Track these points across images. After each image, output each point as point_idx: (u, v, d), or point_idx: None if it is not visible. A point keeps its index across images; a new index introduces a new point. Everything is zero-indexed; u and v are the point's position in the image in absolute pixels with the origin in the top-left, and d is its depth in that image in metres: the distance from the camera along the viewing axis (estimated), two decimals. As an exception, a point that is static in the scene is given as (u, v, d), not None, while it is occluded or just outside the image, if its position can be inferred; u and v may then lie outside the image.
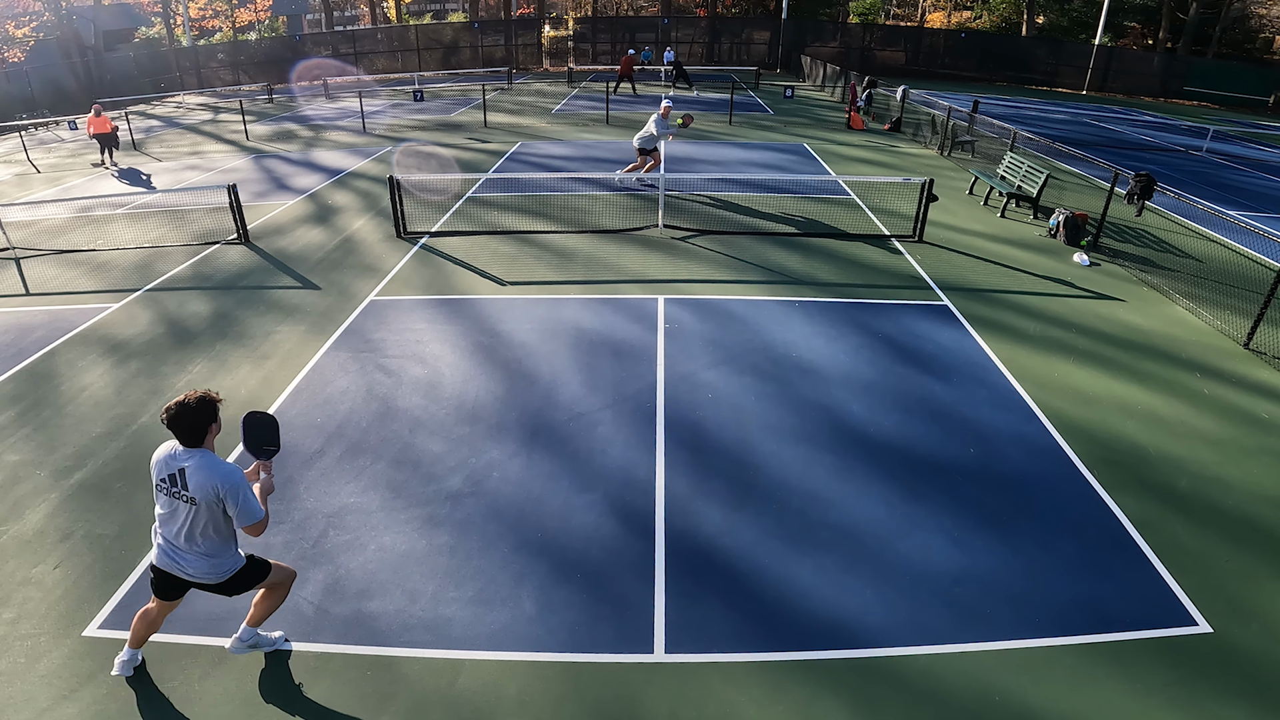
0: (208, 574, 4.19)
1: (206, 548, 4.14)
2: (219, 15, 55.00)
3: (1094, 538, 5.77)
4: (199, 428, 4.02)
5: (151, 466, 4.14)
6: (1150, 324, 9.52)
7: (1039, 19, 49.42)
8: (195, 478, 3.98)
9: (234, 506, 4.01)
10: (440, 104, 30.63)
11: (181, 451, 4.05)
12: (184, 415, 3.98)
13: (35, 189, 17.77)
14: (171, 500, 4.07)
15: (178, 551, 4.15)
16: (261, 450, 4.36)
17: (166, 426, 3.99)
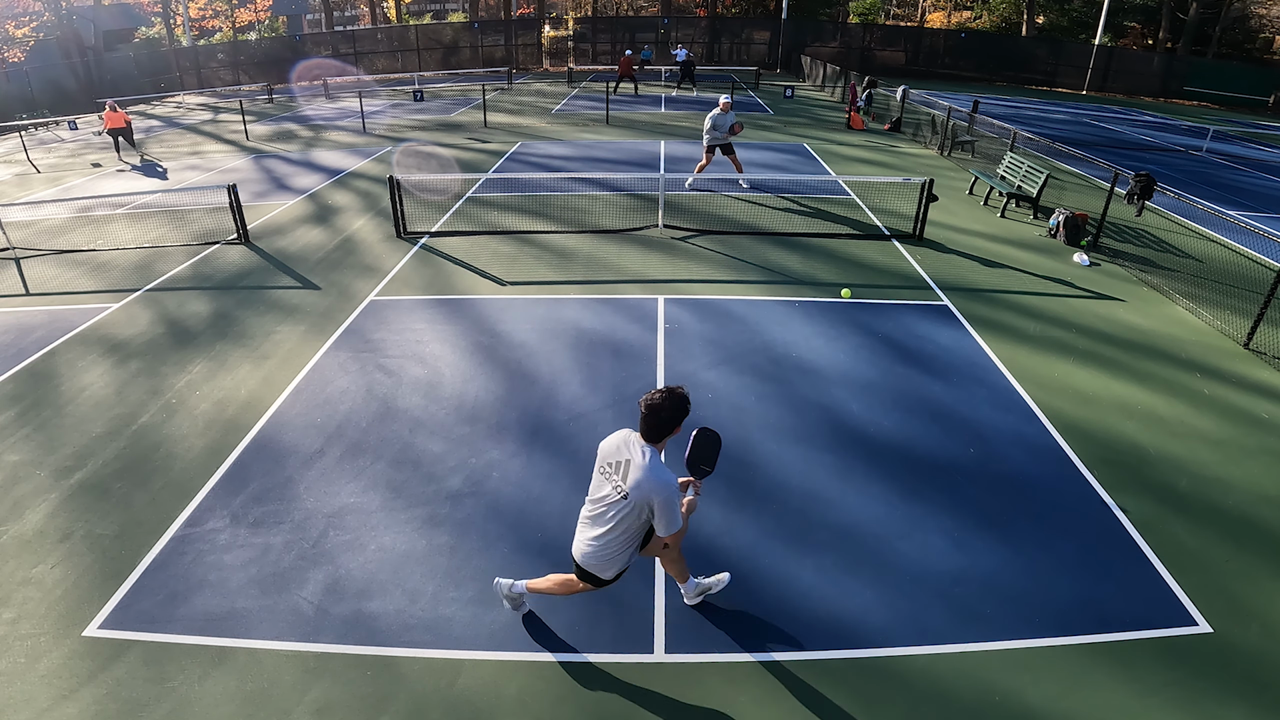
0: (590, 562, 4.30)
1: (607, 540, 4.21)
2: (219, 15, 55.01)
3: (1094, 538, 5.77)
4: (667, 425, 4.04)
5: (603, 446, 4.25)
6: (1150, 324, 9.52)
7: (1039, 19, 49.44)
8: (636, 475, 4.03)
9: (660, 514, 4.04)
10: (440, 104, 30.64)
11: (636, 442, 4.10)
12: (664, 409, 4.01)
13: (35, 189, 17.76)
14: (604, 482, 4.19)
15: (581, 528, 4.33)
16: (699, 469, 4.35)
17: (643, 411, 4.02)
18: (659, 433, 4.05)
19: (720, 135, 14.79)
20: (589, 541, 4.28)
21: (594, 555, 4.27)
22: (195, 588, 5.28)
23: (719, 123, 14.70)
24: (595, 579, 4.38)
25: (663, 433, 4.05)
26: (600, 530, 4.22)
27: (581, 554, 4.33)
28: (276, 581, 5.33)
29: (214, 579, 5.36)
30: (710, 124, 14.77)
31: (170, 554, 5.60)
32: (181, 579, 5.36)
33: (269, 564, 5.49)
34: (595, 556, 4.27)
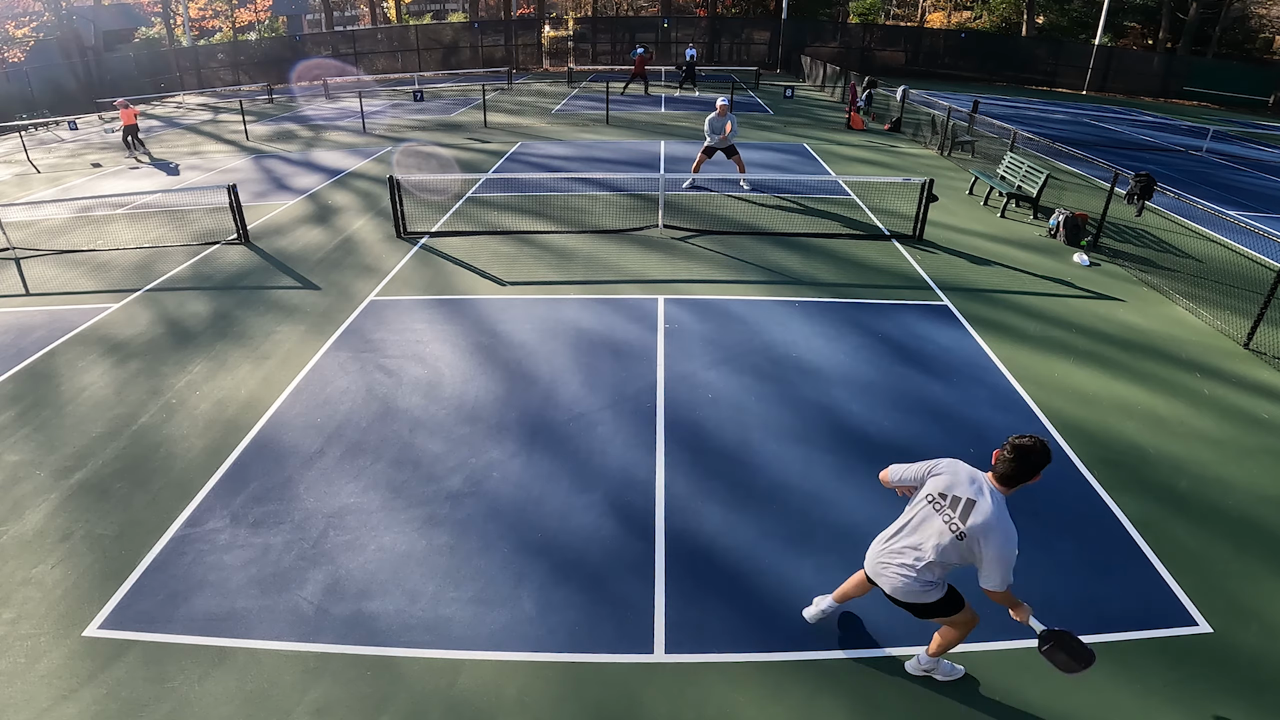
0: (903, 593, 4.06)
1: (923, 574, 3.97)
2: (219, 15, 55.06)
3: (1093, 538, 5.78)
4: (1031, 472, 3.73)
5: (931, 473, 3.99)
6: (1150, 324, 9.52)
7: (1039, 19, 49.43)
8: (980, 519, 3.72)
9: (995, 567, 3.71)
10: (440, 104, 30.63)
11: (987, 484, 3.81)
12: (1035, 452, 3.70)
13: (35, 189, 17.77)
14: (933, 514, 3.90)
15: (886, 559, 4.08)
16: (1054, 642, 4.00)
17: (1008, 454, 3.72)
18: (1018, 479, 3.75)
19: (715, 139, 14.90)
20: (903, 574, 4.02)
21: (911, 587, 4.02)
22: (195, 588, 5.28)
23: (714, 126, 14.80)
24: (916, 608, 4.13)
25: (1021, 480, 3.75)
26: (915, 562, 3.97)
27: (894, 586, 4.07)
28: (276, 581, 5.33)
29: (214, 579, 5.36)
30: (706, 127, 14.90)
31: (170, 554, 5.60)
32: (181, 579, 5.36)
33: (269, 564, 5.49)
34: (912, 590, 4.03)
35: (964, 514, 3.77)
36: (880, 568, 4.14)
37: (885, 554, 4.12)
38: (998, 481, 3.80)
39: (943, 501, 3.87)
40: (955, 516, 3.79)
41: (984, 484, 3.82)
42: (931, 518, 3.90)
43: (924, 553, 3.92)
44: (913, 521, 4.02)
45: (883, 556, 4.13)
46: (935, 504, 3.90)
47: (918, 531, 3.97)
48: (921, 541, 3.94)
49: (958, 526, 3.77)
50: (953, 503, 3.83)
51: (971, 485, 3.83)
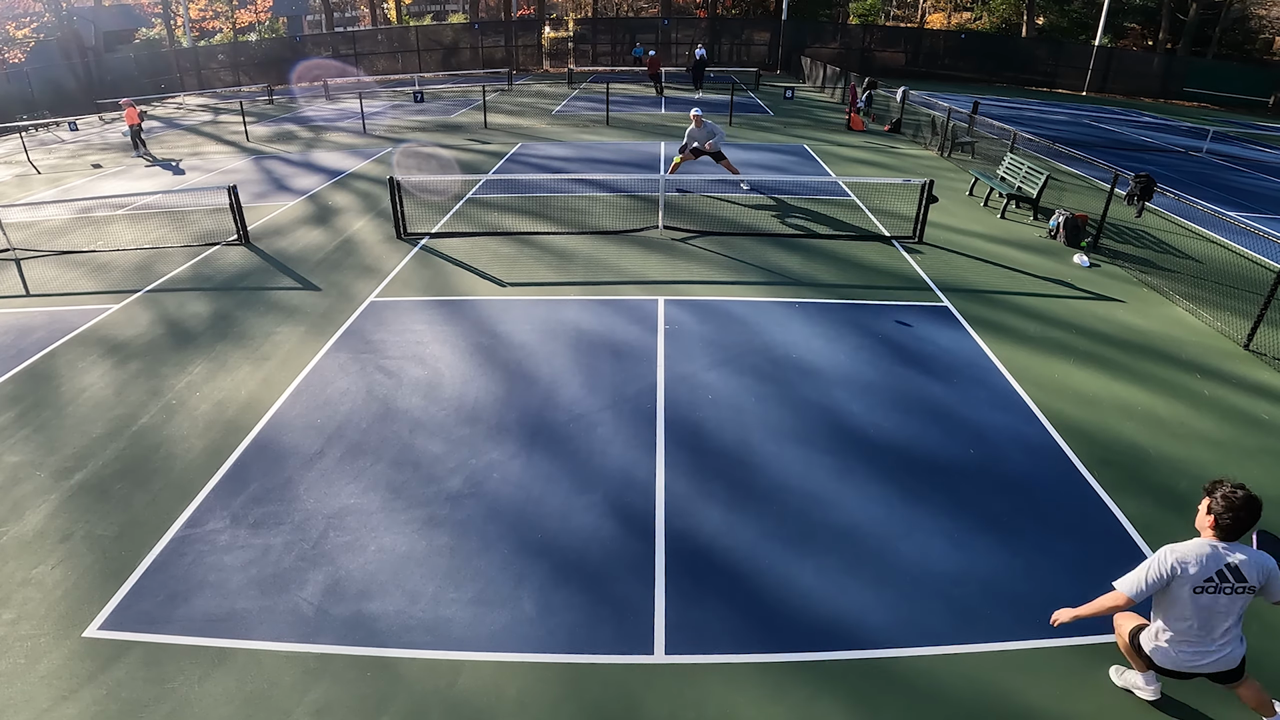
0: (1231, 662, 3.97)
1: (1236, 634, 3.96)
2: (219, 16, 55.09)
3: (1094, 538, 5.78)
4: (1250, 524, 3.76)
5: (1171, 566, 3.83)
6: (1150, 325, 9.52)
7: (1039, 20, 49.45)
8: (1251, 568, 3.77)
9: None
10: (440, 105, 30.64)
11: (1224, 547, 3.80)
12: (1252, 509, 3.71)
13: (35, 190, 17.77)
14: (1215, 599, 3.82)
15: (1208, 649, 3.94)
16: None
17: (1225, 509, 3.73)
18: (1243, 530, 3.78)
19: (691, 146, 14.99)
20: (1234, 650, 3.97)
21: (1232, 657, 3.97)
22: (195, 589, 5.28)
23: (695, 137, 14.86)
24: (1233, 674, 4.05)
25: (1244, 531, 3.79)
26: (1235, 635, 3.96)
27: (1228, 663, 3.98)
28: (276, 582, 5.33)
29: (214, 580, 5.36)
30: (686, 139, 15.03)
31: (170, 555, 5.60)
32: (181, 580, 5.36)
33: (269, 565, 5.49)
34: (1233, 658, 3.98)
35: (1241, 577, 3.77)
36: (1201, 662, 3.99)
37: (1198, 651, 3.97)
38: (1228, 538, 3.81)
39: (1216, 581, 3.80)
40: (1237, 584, 3.78)
41: (1221, 547, 3.81)
42: (1215, 601, 3.84)
43: (1236, 624, 3.92)
44: (1195, 615, 3.90)
45: (1198, 652, 3.97)
46: (1209, 589, 3.82)
47: (1214, 616, 3.89)
48: (1228, 623, 3.90)
49: (1246, 586, 3.78)
50: (1221, 576, 3.79)
51: (1217, 557, 3.79)
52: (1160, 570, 3.83)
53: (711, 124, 14.89)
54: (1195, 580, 3.78)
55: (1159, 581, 3.85)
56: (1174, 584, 3.83)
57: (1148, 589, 3.88)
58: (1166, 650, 4.01)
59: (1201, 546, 3.82)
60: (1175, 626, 3.95)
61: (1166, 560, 3.83)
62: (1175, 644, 3.97)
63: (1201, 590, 3.79)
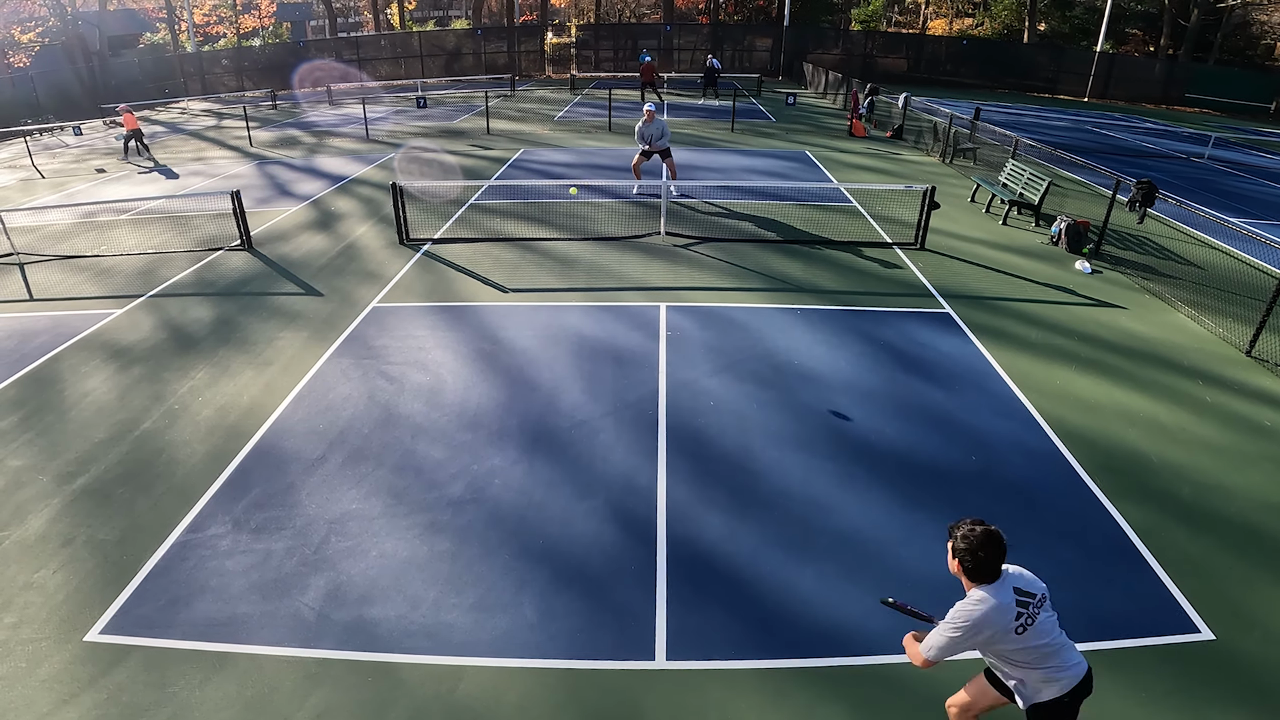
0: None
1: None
2: (223, 21, 55.26)
3: (1095, 545, 5.77)
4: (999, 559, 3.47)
5: (989, 635, 3.47)
6: (1152, 331, 9.52)
7: (1040, 26, 49.50)
8: (1027, 584, 3.56)
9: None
10: (443, 110, 30.70)
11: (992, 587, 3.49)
12: (993, 543, 3.43)
13: (39, 194, 17.82)
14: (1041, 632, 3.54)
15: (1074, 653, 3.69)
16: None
17: (966, 550, 3.47)
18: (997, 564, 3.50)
19: (645, 145, 15.08)
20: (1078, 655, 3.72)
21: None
22: (196, 593, 5.28)
23: (644, 134, 14.92)
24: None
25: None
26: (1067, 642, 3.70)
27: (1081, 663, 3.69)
28: (278, 587, 5.33)
29: (215, 584, 5.36)
30: (636, 135, 15.12)
31: (172, 559, 5.61)
32: (183, 584, 5.37)
33: (270, 570, 5.50)
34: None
35: (1030, 592, 3.57)
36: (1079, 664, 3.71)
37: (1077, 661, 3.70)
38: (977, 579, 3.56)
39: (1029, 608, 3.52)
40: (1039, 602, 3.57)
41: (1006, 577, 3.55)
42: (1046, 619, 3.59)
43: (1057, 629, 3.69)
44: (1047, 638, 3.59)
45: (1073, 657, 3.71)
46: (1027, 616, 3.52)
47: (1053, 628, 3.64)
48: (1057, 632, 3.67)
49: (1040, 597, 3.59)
50: (1024, 604, 3.52)
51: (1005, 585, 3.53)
52: (967, 640, 3.51)
53: (662, 122, 15.03)
54: (1009, 628, 3.47)
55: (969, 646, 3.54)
56: (993, 643, 3.52)
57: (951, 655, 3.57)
58: (1060, 681, 3.62)
59: (982, 600, 3.49)
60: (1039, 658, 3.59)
61: (965, 633, 3.48)
62: (1058, 671, 3.62)
63: (1022, 628, 3.50)
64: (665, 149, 15.13)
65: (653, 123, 14.85)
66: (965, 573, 3.54)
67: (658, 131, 14.91)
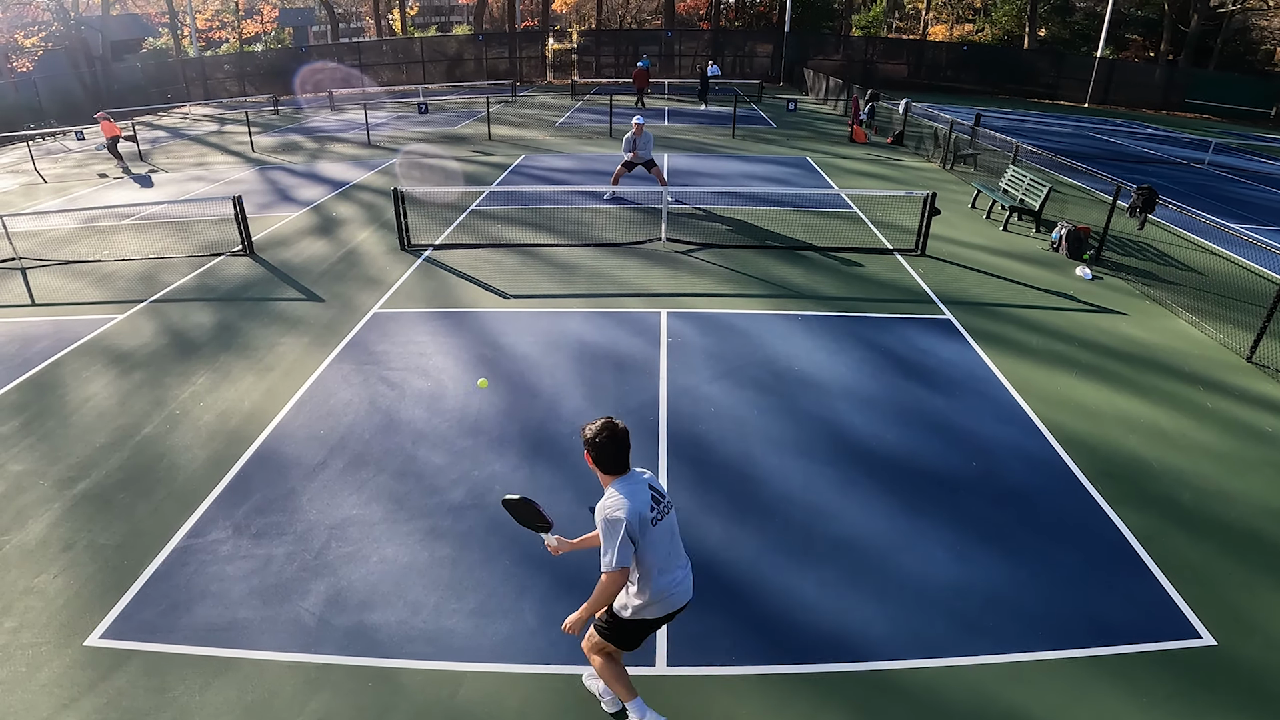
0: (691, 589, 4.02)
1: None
2: (225, 26, 55.42)
3: (1096, 551, 5.77)
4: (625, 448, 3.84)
5: (634, 525, 3.66)
6: (1153, 337, 9.52)
7: (1041, 32, 49.60)
8: (656, 484, 3.90)
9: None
10: (445, 116, 30.76)
11: (628, 478, 3.82)
12: (615, 434, 3.79)
13: (42, 199, 17.86)
14: (667, 519, 3.86)
15: (682, 569, 3.96)
16: (538, 529, 4.19)
17: (618, 452, 3.79)
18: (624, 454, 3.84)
19: (630, 155, 15.48)
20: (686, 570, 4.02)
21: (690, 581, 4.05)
22: (197, 598, 5.29)
23: (630, 145, 15.38)
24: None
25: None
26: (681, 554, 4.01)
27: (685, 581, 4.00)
28: (278, 592, 5.33)
29: (216, 590, 5.37)
30: (623, 146, 15.58)
31: (172, 564, 5.61)
32: (183, 589, 5.37)
33: (271, 575, 5.50)
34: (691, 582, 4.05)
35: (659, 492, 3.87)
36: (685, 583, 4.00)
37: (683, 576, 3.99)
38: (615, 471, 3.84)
39: (657, 506, 3.81)
40: (665, 503, 3.88)
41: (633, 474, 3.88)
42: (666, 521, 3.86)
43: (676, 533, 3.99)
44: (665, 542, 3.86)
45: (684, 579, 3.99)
46: (657, 514, 3.80)
47: (673, 536, 3.94)
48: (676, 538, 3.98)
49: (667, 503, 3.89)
50: (655, 500, 3.81)
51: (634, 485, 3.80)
52: (627, 532, 3.63)
53: (648, 134, 15.53)
54: (646, 516, 3.70)
55: (631, 541, 3.67)
56: (637, 538, 3.69)
57: (628, 554, 3.68)
58: (660, 592, 3.85)
59: (620, 489, 3.74)
60: (653, 563, 3.79)
61: (621, 521, 3.62)
62: (659, 579, 3.83)
63: (657, 519, 3.76)
64: (649, 159, 15.53)
65: (641, 135, 15.33)
66: (596, 464, 3.82)
67: (644, 143, 15.40)
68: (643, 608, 3.87)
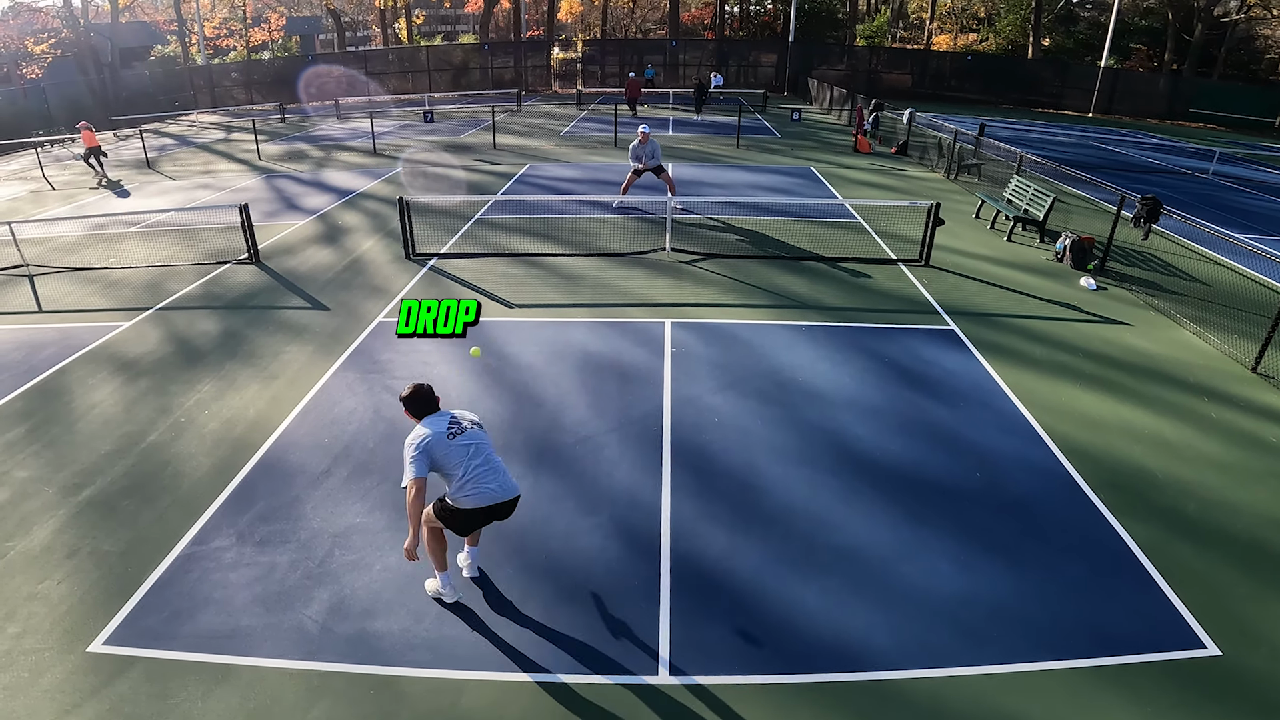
0: (514, 490, 5.14)
1: (502, 467, 5.16)
2: (233, 34, 55.75)
3: (1100, 561, 5.75)
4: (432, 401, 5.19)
5: (432, 442, 4.93)
6: (1157, 348, 9.51)
7: (1045, 41, 49.69)
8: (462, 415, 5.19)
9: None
10: (450, 125, 30.90)
11: (435, 418, 5.11)
12: (422, 393, 5.19)
13: (50, 205, 17.97)
14: (468, 438, 5.04)
15: (498, 477, 5.04)
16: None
17: (424, 401, 5.18)
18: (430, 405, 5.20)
19: (639, 164, 15.45)
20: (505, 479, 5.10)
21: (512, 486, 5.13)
22: (200, 605, 5.30)
23: (637, 154, 15.39)
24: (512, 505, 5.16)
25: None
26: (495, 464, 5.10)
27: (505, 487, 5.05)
28: (281, 600, 5.34)
29: (219, 597, 5.38)
30: (630, 155, 15.56)
31: (176, 571, 5.63)
32: (186, 596, 5.38)
33: (274, 582, 5.51)
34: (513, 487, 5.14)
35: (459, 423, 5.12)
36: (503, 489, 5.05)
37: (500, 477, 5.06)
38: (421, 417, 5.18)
39: (457, 430, 5.06)
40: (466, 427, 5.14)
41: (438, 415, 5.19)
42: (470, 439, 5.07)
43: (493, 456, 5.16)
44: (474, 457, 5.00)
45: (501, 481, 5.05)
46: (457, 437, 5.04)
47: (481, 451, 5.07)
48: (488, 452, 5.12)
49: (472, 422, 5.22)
50: (452, 425, 5.08)
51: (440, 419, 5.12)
52: (424, 450, 4.91)
53: (655, 142, 15.49)
54: (442, 434, 4.97)
55: (428, 459, 4.91)
56: (438, 453, 4.92)
57: (424, 467, 4.90)
58: (474, 494, 4.94)
59: (424, 424, 5.09)
60: (465, 473, 4.94)
61: (415, 442, 4.95)
62: (468, 483, 4.93)
63: (453, 435, 5.00)
64: (658, 165, 15.49)
65: (647, 143, 15.29)
66: (409, 413, 5.21)
67: (649, 151, 15.37)
68: (459, 500, 4.97)
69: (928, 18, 61.69)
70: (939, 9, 61.68)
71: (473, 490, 4.91)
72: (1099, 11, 52.27)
